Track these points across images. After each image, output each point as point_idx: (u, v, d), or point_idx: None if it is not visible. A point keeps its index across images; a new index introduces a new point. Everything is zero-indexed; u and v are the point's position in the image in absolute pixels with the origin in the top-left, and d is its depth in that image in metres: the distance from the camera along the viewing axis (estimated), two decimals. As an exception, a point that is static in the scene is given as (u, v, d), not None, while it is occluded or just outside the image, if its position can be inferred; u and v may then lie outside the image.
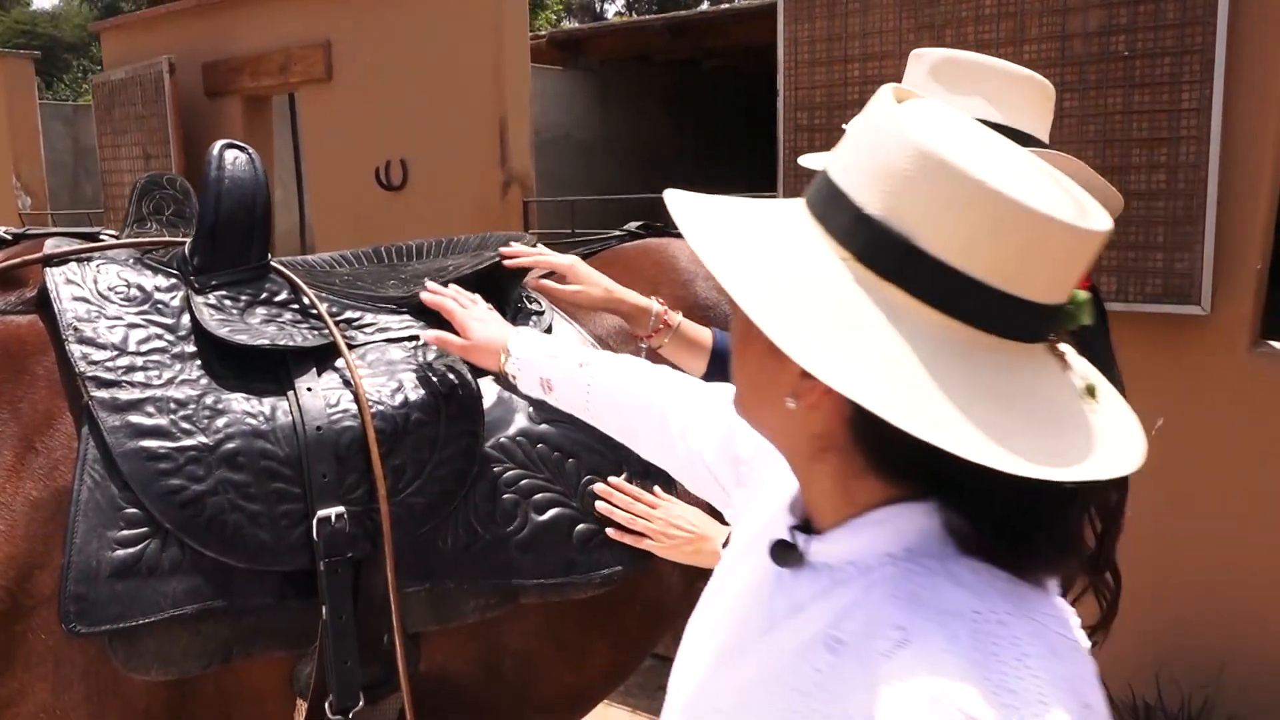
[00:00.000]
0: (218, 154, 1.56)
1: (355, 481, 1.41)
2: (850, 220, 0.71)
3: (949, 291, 0.68)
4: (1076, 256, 0.70)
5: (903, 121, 0.70)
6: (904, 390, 0.67)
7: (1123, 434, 0.73)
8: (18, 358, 1.37)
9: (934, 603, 0.70)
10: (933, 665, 0.67)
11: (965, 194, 0.67)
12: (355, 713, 1.38)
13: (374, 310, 1.63)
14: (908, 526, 0.74)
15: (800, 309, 0.70)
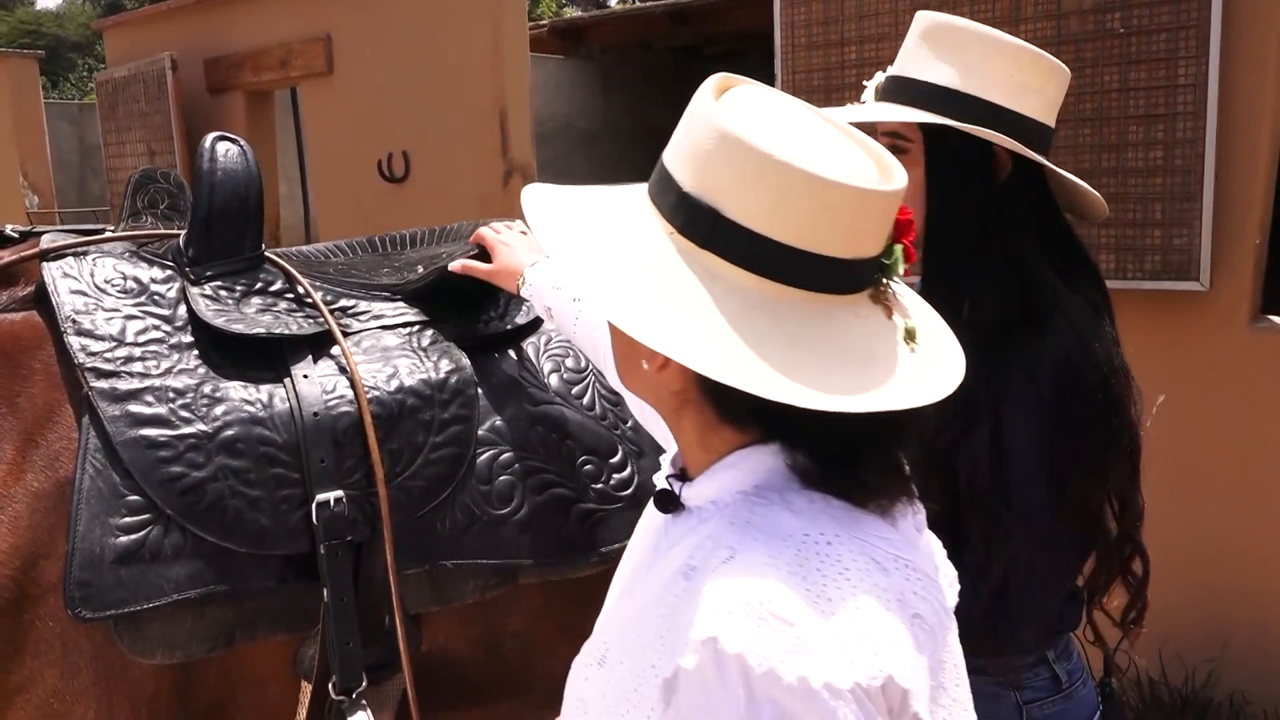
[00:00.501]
0: (209, 146, 1.58)
1: (353, 466, 1.44)
2: (674, 198, 0.80)
3: (754, 253, 0.77)
4: (867, 215, 0.79)
5: (712, 107, 0.80)
6: (716, 344, 0.75)
7: (936, 372, 0.82)
8: (12, 353, 1.39)
9: (765, 527, 0.79)
10: (752, 575, 0.74)
11: (759, 166, 0.76)
12: (358, 693, 1.41)
13: (368, 298, 1.65)
14: (757, 466, 0.83)
15: (631, 282, 0.79)
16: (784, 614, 0.72)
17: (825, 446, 0.81)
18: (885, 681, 0.73)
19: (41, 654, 1.28)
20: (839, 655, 0.72)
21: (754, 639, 0.71)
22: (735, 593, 0.74)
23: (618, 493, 1.59)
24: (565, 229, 0.85)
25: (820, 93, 3.66)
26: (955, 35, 1.31)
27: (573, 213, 0.87)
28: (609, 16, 7.97)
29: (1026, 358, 1.26)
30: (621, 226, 0.83)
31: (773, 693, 0.70)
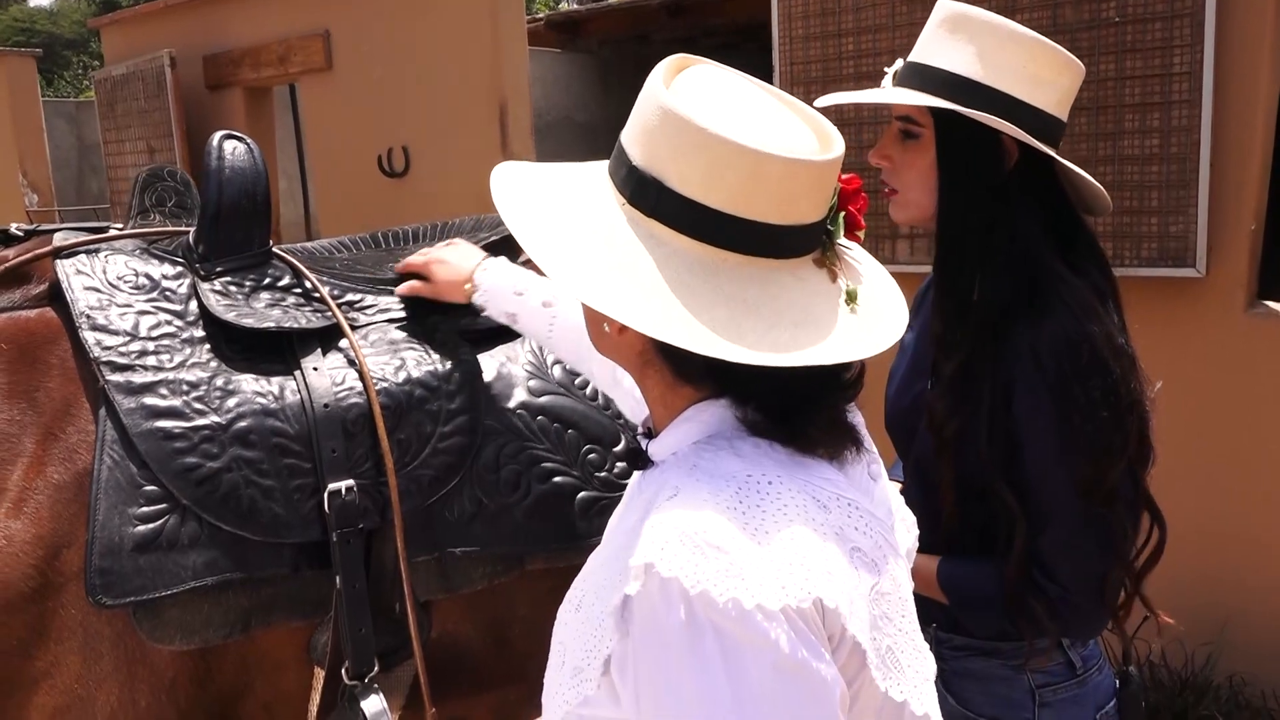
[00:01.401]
0: (217, 145, 1.60)
1: (363, 455, 1.46)
2: (625, 171, 0.87)
3: (693, 220, 0.83)
4: (798, 183, 0.83)
5: (659, 88, 0.86)
6: (659, 306, 0.81)
7: (872, 331, 0.88)
8: (29, 349, 1.42)
9: (710, 469, 0.84)
10: (692, 510, 0.80)
11: (695, 140, 0.82)
12: (371, 677, 1.44)
13: (374, 292, 1.68)
14: (709, 418, 0.89)
15: (584, 252, 0.85)
16: (717, 542, 0.77)
17: (770, 401, 0.87)
18: (814, 603, 0.78)
19: (64, 640, 1.31)
20: (771, 580, 0.77)
21: (687, 564, 0.76)
22: (673, 524, 0.79)
23: (621, 480, 1.62)
24: (526, 207, 0.91)
25: (818, 84, 3.68)
26: (972, 24, 1.33)
27: (535, 191, 0.93)
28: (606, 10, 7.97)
29: (1027, 341, 1.28)
30: (580, 200, 0.90)
31: (710, 614, 0.75)
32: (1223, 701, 2.94)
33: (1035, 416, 1.28)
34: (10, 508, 1.31)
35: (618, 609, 0.81)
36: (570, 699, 0.86)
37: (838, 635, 0.80)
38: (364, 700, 1.41)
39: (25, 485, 1.33)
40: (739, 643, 0.75)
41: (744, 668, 0.75)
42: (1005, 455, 1.30)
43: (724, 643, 0.75)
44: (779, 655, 0.76)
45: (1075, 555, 1.29)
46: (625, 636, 0.81)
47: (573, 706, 0.86)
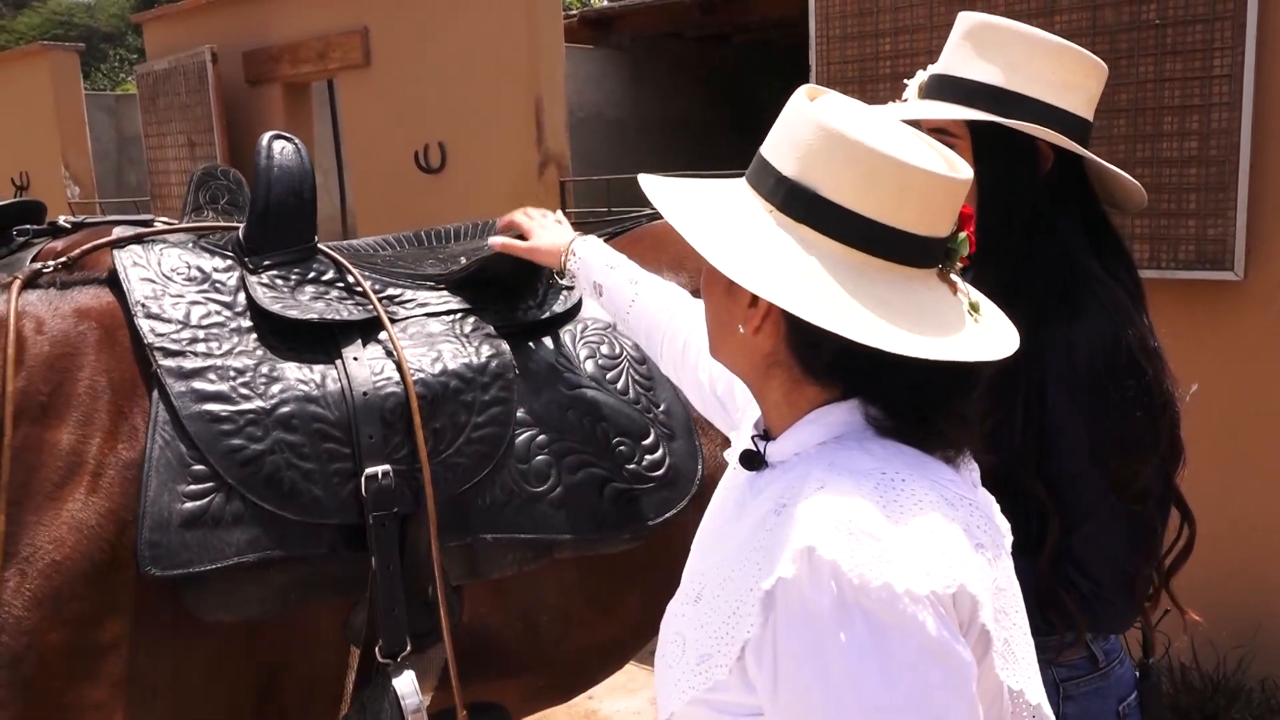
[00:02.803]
0: (267, 144, 1.66)
1: (399, 443, 1.51)
2: (773, 181, 0.94)
3: (845, 226, 0.90)
4: (938, 197, 0.92)
5: (810, 106, 0.94)
6: (814, 298, 0.88)
7: (996, 338, 0.95)
8: (111, 330, 1.49)
9: (847, 465, 0.90)
10: (840, 500, 0.86)
11: (852, 153, 0.90)
12: (403, 657, 1.48)
13: (414, 287, 1.72)
14: (835, 420, 0.95)
15: (742, 249, 0.92)
16: (870, 530, 0.83)
17: (900, 400, 0.92)
18: (958, 590, 0.83)
19: (129, 614, 1.38)
20: (917, 567, 0.82)
21: (845, 550, 0.82)
22: (827, 512, 0.85)
23: (649, 473, 1.66)
24: (687, 209, 0.99)
25: (855, 84, 3.68)
26: (999, 34, 1.35)
27: (687, 192, 1.02)
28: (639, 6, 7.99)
29: (1064, 340, 1.30)
30: (728, 204, 0.98)
31: (860, 599, 0.81)
32: (1255, 706, 2.92)
33: (1070, 414, 1.30)
34: (90, 481, 1.38)
35: (764, 595, 0.85)
36: (697, 685, 0.91)
37: (967, 622, 0.85)
38: (396, 678, 1.46)
39: (101, 460, 1.39)
40: (887, 625, 0.80)
41: (891, 649, 0.80)
42: (1038, 451, 1.31)
43: (872, 625, 0.80)
44: (925, 637, 0.81)
45: (1107, 551, 1.30)
46: (766, 623, 0.85)
47: (700, 692, 0.91)
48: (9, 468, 1.33)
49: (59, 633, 1.33)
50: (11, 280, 1.48)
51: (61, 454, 1.37)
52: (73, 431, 1.39)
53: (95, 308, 1.50)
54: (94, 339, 1.46)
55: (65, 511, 1.35)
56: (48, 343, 1.42)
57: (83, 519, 1.35)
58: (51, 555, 1.33)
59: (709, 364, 1.34)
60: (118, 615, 1.36)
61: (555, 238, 1.65)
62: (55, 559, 1.33)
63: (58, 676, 1.33)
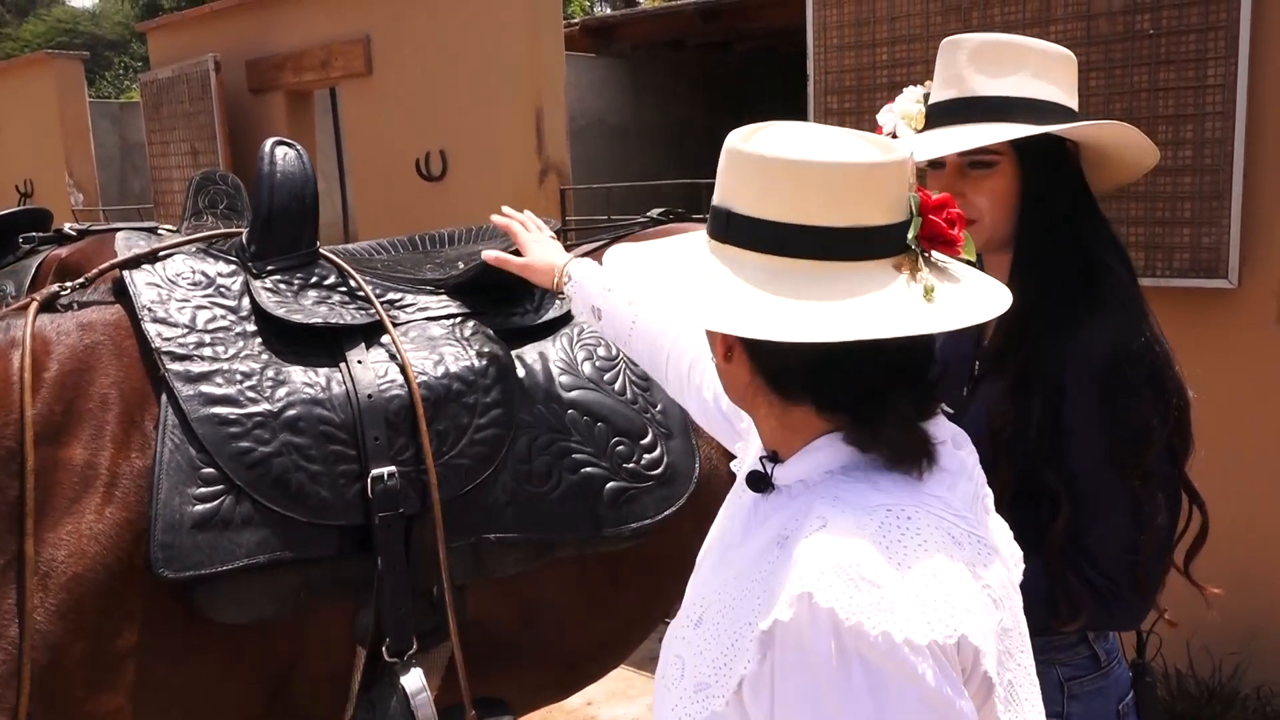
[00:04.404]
0: (269, 151, 1.69)
1: (404, 444, 1.54)
2: (710, 213, 0.97)
3: (756, 235, 0.91)
4: (847, 186, 0.89)
5: (730, 140, 0.95)
6: (744, 312, 0.88)
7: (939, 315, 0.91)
8: (119, 341, 1.51)
9: (852, 500, 0.88)
10: (841, 541, 0.83)
11: (750, 166, 0.92)
12: (409, 656, 1.50)
13: (414, 292, 1.75)
14: (842, 449, 0.93)
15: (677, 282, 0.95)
16: (870, 575, 0.80)
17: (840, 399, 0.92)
18: (959, 640, 0.81)
19: (145, 621, 1.40)
20: (918, 615, 0.80)
21: (844, 596, 0.80)
22: (827, 555, 0.82)
23: (648, 472, 1.69)
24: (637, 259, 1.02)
25: (852, 93, 3.71)
26: (1014, 49, 1.39)
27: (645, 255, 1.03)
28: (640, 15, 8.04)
29: (1084, 339, 1.32)
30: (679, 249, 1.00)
31: (859, 646, 0.79)
32: (1250, 712, 2.93)
33: (1088, 408, 1.31)
34: (105, 493, 1.40)
35: (762, 634, 0.84)
36: (694, 713, 0.90)
37: (970, 669, 0.83)
38: (403, 677, 1.48)
39: (114, 470, 1.41)
40: (885, 675, 0.79)
41: (889, 700, 0.79)
42: (1054, 445, 1.33)
43: (870, 675, 0.79)
44: (924, 689, 0.79)
45: (1122, 547, 1.32)
46: (764, 660, 0.84)
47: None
48: (32, 492, 1.35)
49: (81, 644, 1.35)
50: (28, 302, 1.50)
51: (76, 470, 1.39)
52: (85, 446, 1.41)
53: (100, 320, 1.52)
54: (101, 352, 1.48)
55: (83, 525, 1.37)
56: (55, 362, 1.44)
57: (100, 530, 1.37)
58: (72, 569, 1.35)
59: (713, 380, 1.33)
60: (134, 622, 1.39)
61: (549, 256, 1.62)
62: (76, 572, 1.35)
63: (79, 686, 1.35)
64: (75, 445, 1.41)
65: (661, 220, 2.27)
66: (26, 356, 1.40)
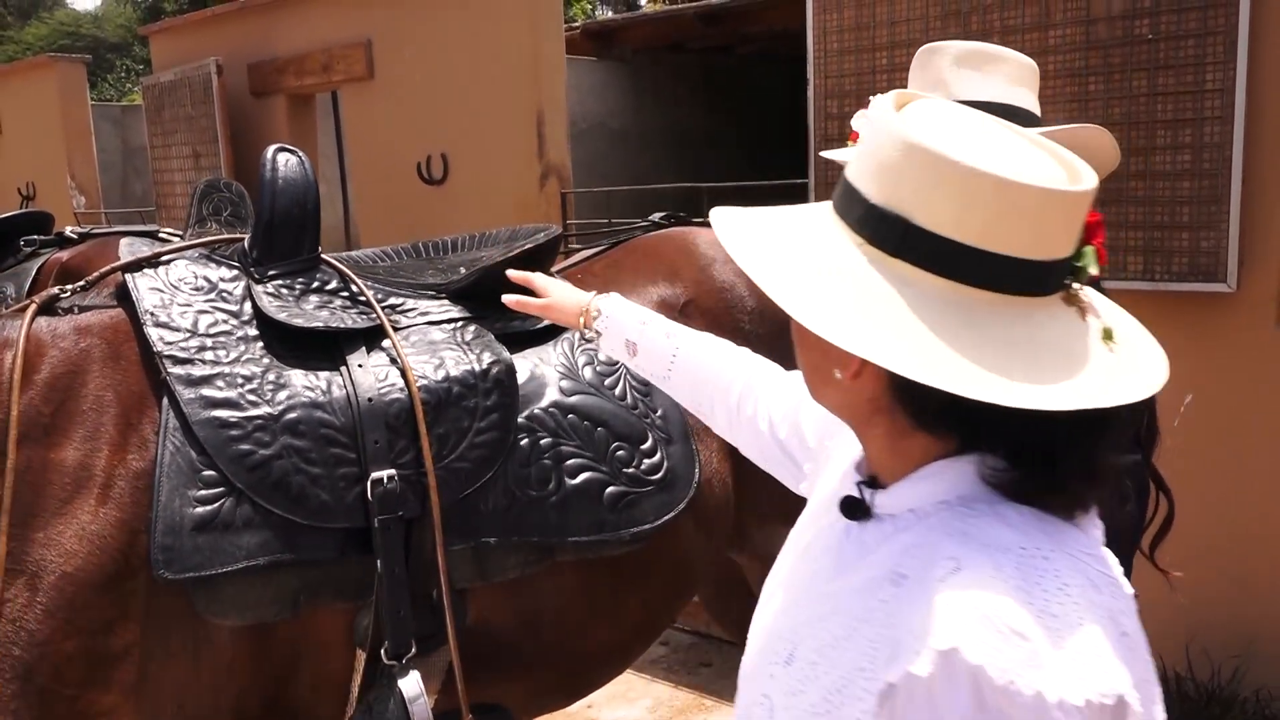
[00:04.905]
0: (271, 157, 1.70)
1: (404, 448, 1.55)
2: (862, 210, 0.83)
3: (945, 258, 0.79)
4: (1053, 216, 0.79)
5: (895, 120, 0.82)
6: (914, 346, 0.77)
7: (1135, 371, 0.81)
8: (115, 344, 1.53)
9: (983, 538, 0.79)
10: (982, 587, 0.75)
11: (944, 173, 0.78)
12: (408, 659, 1.51)
13: (415, 296, 1.76)
14: (959, 477, 0.84)
15: (826, 293, 0.81)
16: (1020, 628, 0.73)
17: (1024, 449, 0.81)
18: (1116, 701, 0.74)
19: (141, 620, 1.41)
20: (1071, 672, 0.73)
21: (994, 652, 0.72)
22: (971, 605, 0.74)
23: (648, 477, 1.69)
24: (762, 253, 0.87)
25: (852, 97, 3.72)
26: (989, 57, 1.45)
27: (762, 231, 0.90)
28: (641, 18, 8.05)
29: None
30: (811, 241, 0.86)
31: (1005, 706, 0.72)
32: (1249, 716, 2.93)
33: None
34: (100, 493, 1.41)
35: (885, 687, 0.77)
36: None
37: None
38: (402, 680, 1.49)
39: (110, 471, 1.43)
40: None
41: None
42: None
43: None
44: None
45: None
46: (881, 713, 0.77)
47: None
48: (11, 490, 1.36)
49: (72, 641, 1.36)
50: (28, 304, 1.51)
51: (68, 471, 1.40)
52: (78, 447, 1.42)
53: (97, 324, 1.53)
54: (96, 355, 1.49)
55: (75, 525, 1.38)
56: (48, 365, 1.45)
57: (93, 530, 1.38)
58: (62, 568, 1.36)
59: (767, 409, 1.24)
60: (130, 622, 1.39)
61: (573, 294, 1.49)
62: (66, 571, 1.36)
63: (71, 684, 1.36)
64: (67, 447, 1.41)
65: (663, 224, 2.28)
66: (18, 358, 1.41)
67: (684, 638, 3.99)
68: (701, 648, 3.92)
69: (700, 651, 3.90)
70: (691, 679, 3.67)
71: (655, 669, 3.71)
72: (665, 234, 2.18)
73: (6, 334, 1.46)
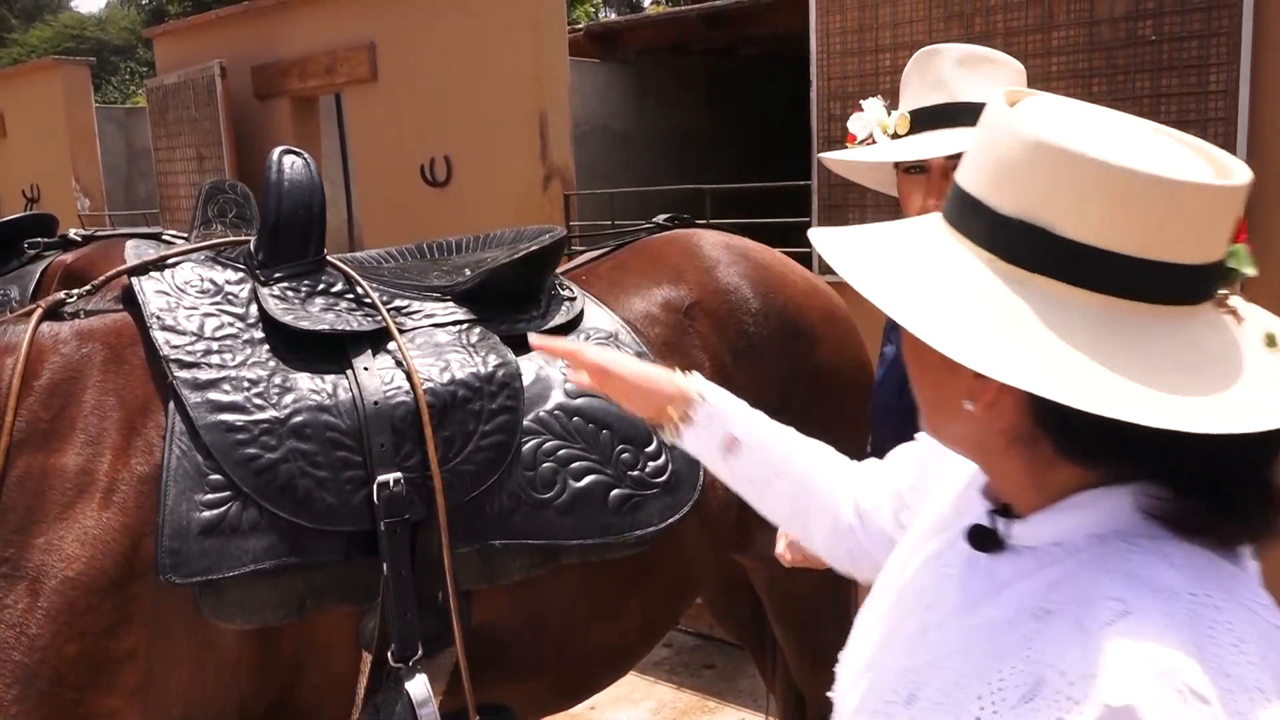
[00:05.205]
0: (277, 159, 1.70)
1: (410, 451, 1.55)
2: (988, 223, 0.75)
3: (1095, 270, 0.71)
4: (1218, 214, 0.72)
5: (1019, 120, 0.74)
6: (1072, 371, 0.69)
7: None
8: (118, 349, 1.53)
9: (1150, 580, 0.71)
10: (1156, 638, 0.67)
11: (1090, 175, 0.70)
12: (414, 661, 1.51)
13: (420, 299, 1.76)
14: (1115, 508, 0.76)
15: (959, 316, 0.73)
16: (1199, 689, 0.65)
17: (1197, 478, 0.73)
18: None
19: (145, 624, 1.41)
20: None
21: (1173, 715, 0.65)
22: (1145, 658, 0.67)
23: (653, 479, 1.70)
24: (873, 269, 0.79)
25: (855, 98, 3.72)
26: (987, 60, 1.48)
27: (873, 253, 0.82)
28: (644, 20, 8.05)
29: None
30: (930, 260, 0.78)
31: None
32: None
33: None
34: (103, 498, 1.41)
35: None
36: None
37: None
38: (408, 682, 1.49)
39: (113, 476, 1.43)
40: None
41: None
42: None
43: None
44: None
45: None
46: None
47: None
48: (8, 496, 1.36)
49: (74, 645, 1.36)
50: (34, 309, 1.51)
51: (69, 476, 1.40)
52: (80, 452, 1.42)
53: (100, 329, 1.54)
54: (98, 360, 1.49)
55: (77, 529, 1.38)
56: (48, 370, 1.45)
57: (96, 535, 1.38)
58: (64, 572, 1.36)
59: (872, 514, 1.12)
60: (133, 625, 1.40)
61: (656, 374, 1.19)
62: (68, 575, 1.36)
63: (73, 688, 1.36)
64: (67, 452, 1.42)
65: (666, 226, 2.28)
66: (19, 364, 1.42)
67: (687, 640, 3.99)
68: (705, 650, 3.92)
69: (703, 653, 3.90)
70: (695, 681, 3.67)
71: (659, 671, 3.72)
72: (669, 236, 2.18)
73: (9, 339, 1.46)
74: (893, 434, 1.62)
